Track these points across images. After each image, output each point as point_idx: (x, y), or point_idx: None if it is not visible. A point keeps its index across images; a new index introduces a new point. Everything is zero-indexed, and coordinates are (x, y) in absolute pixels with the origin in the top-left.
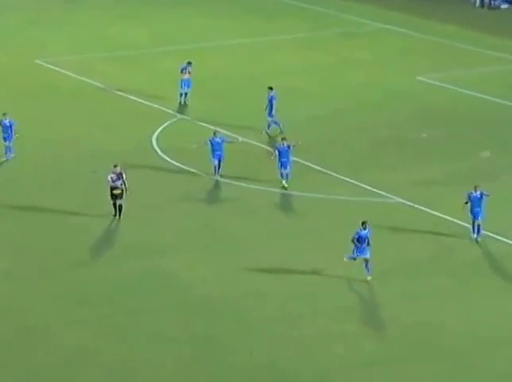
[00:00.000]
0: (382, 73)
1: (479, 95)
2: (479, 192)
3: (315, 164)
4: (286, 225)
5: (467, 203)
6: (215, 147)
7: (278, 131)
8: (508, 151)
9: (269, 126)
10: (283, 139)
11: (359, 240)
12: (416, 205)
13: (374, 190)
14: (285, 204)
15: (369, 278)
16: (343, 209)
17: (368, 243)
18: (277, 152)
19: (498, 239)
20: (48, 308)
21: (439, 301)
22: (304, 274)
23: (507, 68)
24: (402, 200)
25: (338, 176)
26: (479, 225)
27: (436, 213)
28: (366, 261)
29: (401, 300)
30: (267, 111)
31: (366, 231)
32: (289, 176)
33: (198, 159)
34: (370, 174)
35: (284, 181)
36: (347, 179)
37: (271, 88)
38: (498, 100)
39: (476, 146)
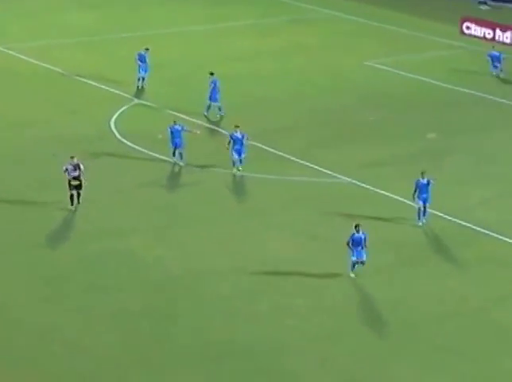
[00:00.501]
0: (331, 58)
1: (424, 79)
2: (426, 179)
3: (268, 146)
4: (241, 206)
5: (416, 191)
6: (175, 135)
7: (217, 115)
8: (453, 132)
9: (208, 108)
10: (236, 127)
11: (354, 243)
12: (364, 185)
13: (324, 171)
14: (241, 186)
15: (352, 275)
16: (294, 190)
17: (363, 246)
18: (231, 139)
19: (443, 218)
20: (11, 286)
21: (387, 277)
22: (257, 252)
23: (450, 53)
24: (351, 181)
25: (290, 158)
26: (425, 209)
27: (383, 192)
28: (362, 263)
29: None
30: (207, 95)
31: (360, 234)
32: (243, 162)
33: (156, 143)
34: (321, 156)
35: (236, 169)
36: (299, 161)
37: (212, 73)
38: (442, 84)
39: (422, 128)
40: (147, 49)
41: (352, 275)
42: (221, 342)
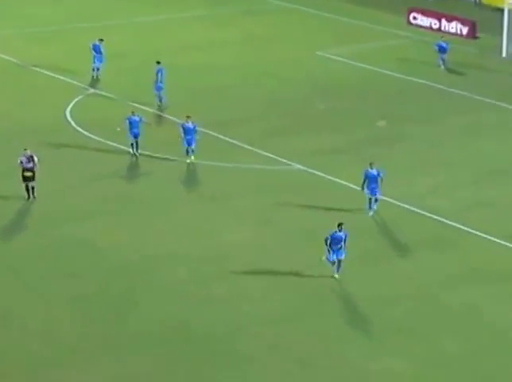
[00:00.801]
0: (284, 49)
1: (374, 68)
2: (375, 170)
3: (224, 135)
4: (197, 193)
5: (364, 181)
6: (133, 125)
7: (158, 104)
8: (402, 120)
9: (160, 98)
10: (188, 117)
11: (334, 242)
12: (317, 172)
13: (279, 159)
14: (196, 174)
15: (336, 276)
16: (249, 177)
17: (342, 246)
18: (182, 129)
19: (392, 204)
20: None
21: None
22: (212, 237)
23: (398, 43)
24: (304, 168)
25: (245, 146)
26: (376, 200)
27: (335, 179)
28: (339, 261)
29: (305, 262)
30: (154, 84)
31: (341, 233)
32: (195, 152)
33: (112, 133)
34: (275, 144)
35: (189, 158)
36: (254, 149)
37: (158, 62)
38: (391, 73)
39: (372, 116)
40: (101, 40)
41: (336, 276)
42: (178, 326)
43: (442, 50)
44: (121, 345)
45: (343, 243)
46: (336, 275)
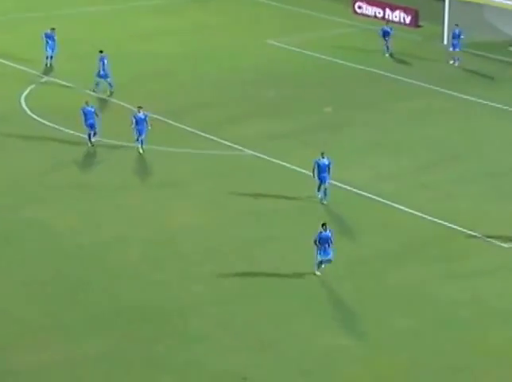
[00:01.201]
0: (234, 38)
1: (322, 56)
2: (326, 159)
3: (176, 122)
4: (150, 178)
5: (314, 170)
6: (88, 116)
7: (94, 89)
8: (348, 106)
9: (97, 85)
10: (139, 108)
11: (321, 241)
12: (267, 157)
13: (229, 144)
14: (149, 160)
15: (318, 273)
16: (201, 162)
17: (329, 245)
18: (133, 120)
19: (340, 187)
20: None
21: (286, 243)
22: (165, 221)
23: (344, 31)
24: (254, 153)
25: (196, 132)
26: (325, 189)
27: (284, 164)
28: (329, 262)
29: (255, 242)
30: (96, 72)
31: (327, 232)
32: (145, 142)
33: (67, 119)
34: (225, 130)
35: (140, 147)
36: (205, 135)
37: (101, 51)
38: (337, 61)
39: (320, 103)
40: (53, 29)
41: (318, 273)
42: (131, 307)
43: (386, 34)
44: (74, 326)
45: (329, 241)
46: (318, 273)
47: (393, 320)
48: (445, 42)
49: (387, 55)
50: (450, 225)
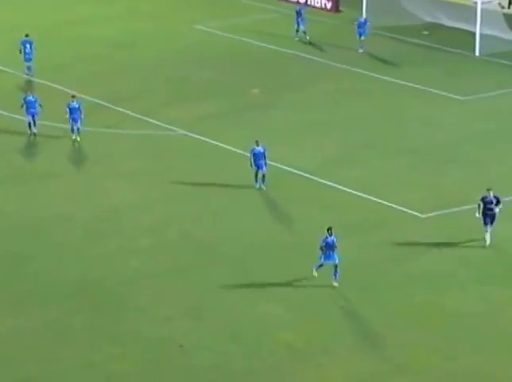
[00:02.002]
0: (165, 23)
1: (248, 40)
2: (261, 147)
3: (110, 104)
4: (87, 159)
5: (250, 159)
6: (29, 105)
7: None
8: (274, 88)
9: (29, 69)
10: (73, 97)
11: (326, 247)
12: (199, 137)
13: (163, 125)
14: (84, 141)
15: (335, 284)
16: (136, 142)
17: (334, 249)
18: (67, 109)
19: (269, 164)
20: None
21: (215, 217)
22: (104, 199)
23: (269, 16)
24: (187, 133)
25: (130, 113)
26: (263, 175)
27: (215, 142)
28: (335, 266)
29: (189, 218)
30: (23, 56)
31: (332, 238)
32: (80, 131)
33: (8, 105)
34: (157, 112)
35: (75, 136)
36: (141, 117)
37: (27, 35)
38: (263, 44)
39: (248, 85)
40: None
41: (315, 274)
42: (71, 281)
43: (299, 15)
44: (16, 301)
45: (334, 246)
46: (335, 283)
47: (319, 287)
48: (368, 24)
49: (306, 38)
50: (372, 198)
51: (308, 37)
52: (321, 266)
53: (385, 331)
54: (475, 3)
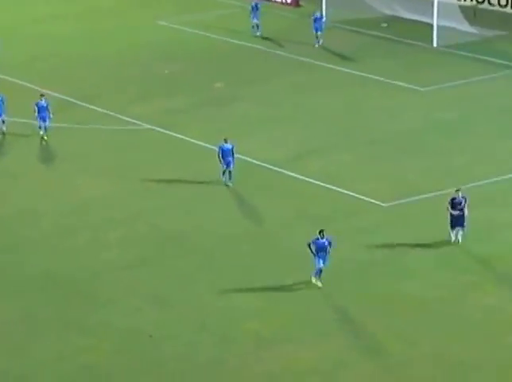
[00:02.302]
0: (128, 19)
1: (211, 35)
2: (229, 144)
3: (75, 99)
4: (55, 155)
5: (219, 156)
6: (41, 110)
7: None
8: (238, 82)
9: None
10: (42, 96)
11: (318, 249)
12: (164, 131)
13: (129, 119)
14: (54, 137)
15: (319, 284)
16: (103, 137)
17: (327, 252)
18: (36, 108)
19: (240, 159)
20: None
21: (182, 209)
22: (73, 193)
23: (231, 11)
24: (153, 127)
25: (98, 109)
26: (230, 172)
27: (180, 136)
28: (320, 270)
29: (158, 212)
30: None
31: (324, 240)
32: (47, 129)
33: None
34: (123, 107)
35: (43, 133)
36: (107, 112)
37: None
38: (225, 39)
39: (211, 79)
40: None
41: (320, 285)
42: (41, 274)
43: (255, 10)
44: None
45: (327, 250)
46: (319, 283)
47: (285, 277)
48: (323, 20)
49: (258, 34)
50: (335, 188)
51: (259, 33)
52: (320, 271)
53: (350, 318)
54: None
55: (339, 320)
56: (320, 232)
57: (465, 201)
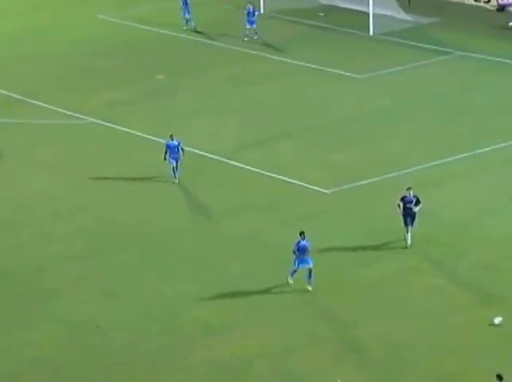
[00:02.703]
0: (66, 13)
1: (149, 28)
2: (175, 141)
3: (17, 94)
4: (0, 148)
5: (166, 152)
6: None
7: None
8: (178, 74)
9: None
10: None
11: (300, 251)
12: (108, 124)
13: (72, 114)
14: None
15: (310, 288)
16: (46, 132)
17: (308, 253)
18: None
19: (192, 151)
20: None
21: (133, 202)
22: (18, 188)
23: (170, 5)
24: (96, 120)
25: (38, 103)
26: (177, 168)
27: (122, 128)
28: (310, 271)
29: (103, 204)
30: None
31: (305, 242)
32: None
33: None
34: (66, 100)
35: None
36: (48, 106)
37: None
38: (165, 32)
39: (153, 71)
40: None
41: (291, 282)
42: None
43: (185, 5)
44: None
45: (308, 250)
46: (310, 287)
47: (231, 266)
48: (262, 11)
49: (191, 26)
50: (278, 176)
51: (191, 27)
52: (295, 271)
53: (296, 305)
54: None
55: (284, 307)
56: (300, 234)
57: (416, 200)
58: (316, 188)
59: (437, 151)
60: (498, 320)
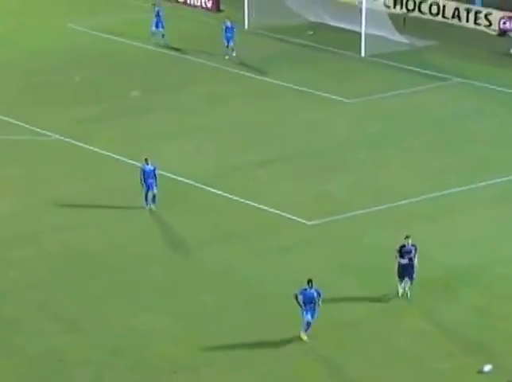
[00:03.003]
0: (37, 21)
1: (124, 40)
2: (151, 165)
3: None
4: None
5: (141, 177)
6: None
7: None
8: (152, 90)
9: None
10: None
11: (306, 300)
12: (74, 141)
13: (37, 129)
14: None
15: (305, 338)
16: (8, 148)
17: (315, 303)
18: None
19: (166, 176)
20: None
21: (108, 226)
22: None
23: (145, 16)
24: (60, 137)
25: (2, 118)
26: (154, 195)
27: (91, 148)
28: (308, 323)
29: (69, 228)
30: None
31: (312, 291)
32: None
33: None
34: (32, 115)
35: None
36: (11, 120)
37: None
38: (140, 45)
39: (126, 86)
40: None
41: (305, 338)
42: None
43: (157, 15)
44: None
45: (315, 301)
46: (305, 337)
47: (204, 299)
48: (246, 27)
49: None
50: (257, 205)
51: (166, 38)
52: (309, 324)
53: (274, 344)
54: (360, 3)
55: (256, 344)
56: (308, 282)
57: (415, 250)
58: (296, 218)
59: (430, 183)
60: (487, 368)
